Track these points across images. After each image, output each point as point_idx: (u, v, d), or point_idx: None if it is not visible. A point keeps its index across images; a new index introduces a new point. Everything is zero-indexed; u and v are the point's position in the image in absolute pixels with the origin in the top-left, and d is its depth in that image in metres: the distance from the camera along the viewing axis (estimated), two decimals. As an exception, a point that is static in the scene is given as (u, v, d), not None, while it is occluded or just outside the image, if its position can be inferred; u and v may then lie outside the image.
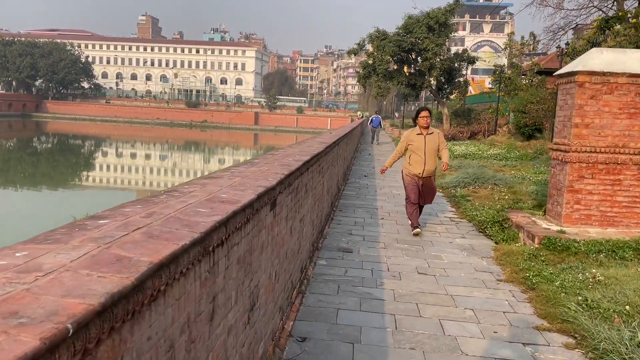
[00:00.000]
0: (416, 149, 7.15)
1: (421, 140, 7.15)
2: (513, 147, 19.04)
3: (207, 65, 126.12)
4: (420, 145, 7.11)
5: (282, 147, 6.02)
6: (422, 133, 7.20)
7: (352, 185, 11.46)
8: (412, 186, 7.29)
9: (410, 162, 7.29)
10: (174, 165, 43.13)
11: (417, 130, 7.29)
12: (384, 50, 34.97)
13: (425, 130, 7.23)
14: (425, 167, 7.19)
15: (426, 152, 7.13)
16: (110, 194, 26.57)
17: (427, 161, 7.16)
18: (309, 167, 4.73)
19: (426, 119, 7.26)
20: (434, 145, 7.20)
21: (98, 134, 70.96)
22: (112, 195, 25.79)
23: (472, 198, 9.79)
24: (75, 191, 26.68)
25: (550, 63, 36.78)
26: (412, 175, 7.28)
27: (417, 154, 7.16)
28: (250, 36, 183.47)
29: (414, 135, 7.26)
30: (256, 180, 2.85)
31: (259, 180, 2.87)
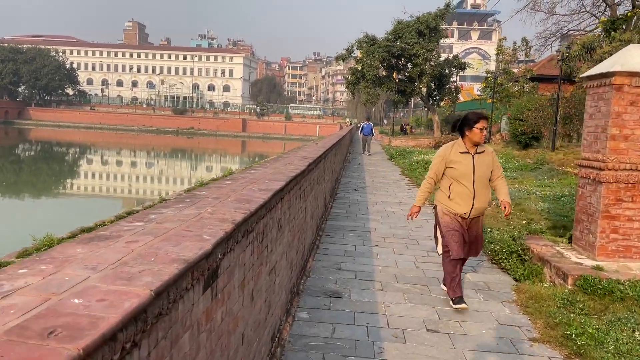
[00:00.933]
0: (461, 176, 4.69)
1: (468, 162, 4.68)
2: (510, 157, 18.01)
3: (194, 72, 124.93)
4: (468, 170, 4.67)
5: (252, 166, 4.82)
6: (470, 151, 4.72)
7: (341, 202, 10.27)
8: (454, 232, 4.79)
9: (451, 195, 4.83)
10: (160, 173, 41.97)
11: (460, 146, 4.78)
12: (373, 55, 33.98)
13: (473, 149, 4.76)
14: (475, 203, 4.74)
15: (476, 180, 4.68)
16: (94, 202, 25.62)
17: (477, 195, 4.71)
18: (284, 196, 3.54)
19: (483, 132, 4.76)
20: (486, 170, 4.76)
21: (82, 142, 69.50)
22: (96, 203, 24.81)
23: (476, 217, 8.66)
24: (58, 200, 25.45)
25: (542, 69, 36.03)
26: (454, 215, 4.82)
27: (463, 183, 4.71)
28: (239, 43, 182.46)
29: (456, 153, 4.75)
30: (177, 244, 1.66)
31: (183, 243, 1.68)
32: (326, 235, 7.16)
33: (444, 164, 4.85)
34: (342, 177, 14.85)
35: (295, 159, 5.38)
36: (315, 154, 6.10)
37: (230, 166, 40.39)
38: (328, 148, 8.36)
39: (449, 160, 4.79)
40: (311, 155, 6.02)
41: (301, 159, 5.46)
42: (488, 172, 4.80)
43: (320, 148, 7.87)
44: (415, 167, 17.69)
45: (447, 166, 4.83)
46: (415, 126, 54.85)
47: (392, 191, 12.53)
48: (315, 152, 6.54)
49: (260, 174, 3.80)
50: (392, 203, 10.51)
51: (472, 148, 4.76)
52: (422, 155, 21.02)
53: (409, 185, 14.06)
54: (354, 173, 16.34)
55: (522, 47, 32.77)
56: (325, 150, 7.75)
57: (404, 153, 23.88)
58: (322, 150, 7.08)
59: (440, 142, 32.05)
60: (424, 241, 7.17)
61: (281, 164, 4.65)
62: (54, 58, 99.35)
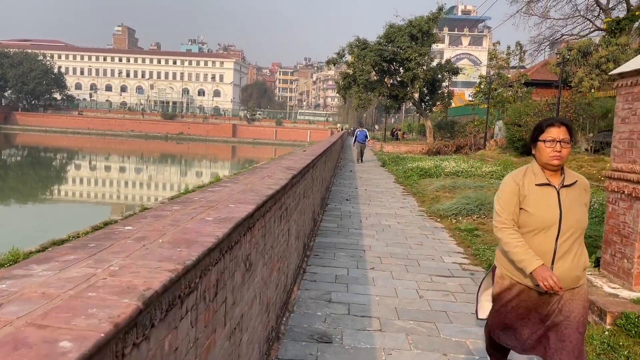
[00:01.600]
0: (538, 223, 2.76)
1: (551, 198, 2.78)
2: (509, 164, 17.26)
3: (184, 77, 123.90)
4: (550, 213, 2.76)
5: (220, 182, 3.93)
6: (552, 183, 2.80)
7: (331, 214, 9.39)
8: (512, 309, 2.91)
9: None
10: (148, 179, 41.02)
11: (537, 173, 2.84)
12: (364, 59, 33.24)
13: (557, 178, 2.84)
14: (559, 269, 2.73)
15: (564, 230, 2.75)
16: (82, 208, 24.60)
17: (563, 255, 2.75)
18: (255, 224, 2.67)
19: (562, 148, 2.80)
20: (580, 213, 2.80)
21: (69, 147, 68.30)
22: (85, 209, 23.92)
23: (481, 232, 7.81)
24: (44, 206, 24.69)
25: (536, 74, 35.51)
26: (521, 284, 2.86)
27: (541, 235, 2.77)
28: (229, 48, 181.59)
29: (530, 185, 2.82)
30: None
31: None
32: (315, 255, 6.28)
33: (517, 197, 2.82)
34: (333, 186, 13.99)
35: (277, 170, 4.50)
36: (302, 164, 5.22)
37: (219, 172, 39.53)
38: (317, 156, 7.49)
39: (520, 194, 2.81)
40: (296, 166, 5.15)
41: (284, 170, 4.59)
42: (583, 217, 2.81)
43: (308, 156, 6.99)
44: (409, 174, 16.88)
45: (520, 207, 2.82)
46: (407, 132, 54.17)
47: (386, 201, 11.69)
48: (302, 162, 5.67)
49: (226, 193, 2.92)
50: (387, 215, 9.66)
51: (555, 177, 2.82)
52: (416, 162, 20.22)
53: (404, 194, 13.23)
54: (346, 181, 15.48)
55: (516, 52, 32.25)
56: (314, 158, 6.89)
57: (397, 159, 23.09)
58: (310, 159, 6.21)
59: (433, 147, 31.33)
60: (426, 262, 6.30)
61: (257, 178, 3.77)
62: (41, 62, 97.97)
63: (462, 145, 30.23)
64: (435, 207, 10.37)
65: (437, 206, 10.34)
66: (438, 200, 11.64)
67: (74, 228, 5.57)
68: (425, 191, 13.23)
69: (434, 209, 10.13)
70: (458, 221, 8.93)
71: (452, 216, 9.32)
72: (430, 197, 12.08)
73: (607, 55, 25.65)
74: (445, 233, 8.17)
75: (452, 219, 9.16)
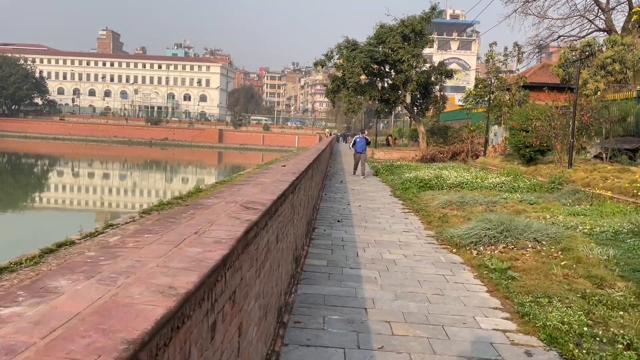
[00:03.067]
0: None
1: None
2: (518, 174, 15.45)
3: (169, 81, 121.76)
4: None
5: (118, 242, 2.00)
6: None
7: (319, 244, 7.44)
8: None
9: None
10: (132, 186, 39.41)
11: None
12: (354, 61, 31.44)
13: None
14: None
15: None
16: (64, 215, 23.57)
17: None
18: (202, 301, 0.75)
19: None
20: None
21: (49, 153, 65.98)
22: (66, 217, 22.70)
23: (517, 274, 5.91)
24: (25, 213, 24.03)
25: (533, 77, 34.00)
26: None
27: None
28: (216, 52, 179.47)
29: None
30: None
31: None
32: (295, 323, 4.31)
33: None
34: (322, 201, 12.05)
35: (226, 217, 2.56)
36: (271, 197, 3.28)
37: (205, 178, 37.60)
38: (301, 173, 5.56)
39: None
40: (265, 198, 3.21)
41: (240, 212, 2.66)
42: None
43: (287, 175, 5.06)
44: (407, 186, 15.00)
45: None
46: (398, 137, 52.45)
47: (385, 222, 9.78)
48: (275, 189, 3.73)
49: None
50: (390, 244, 7.75)
51: None
52: (413, 171, 18.37)
53: (404, 211, 11.32)
54: (336, 195, 13.55)
55: (514, 53, 30.62)
56: (296, 177, 4.97)
57: (391, 168, 21.22)
58: (287, 183, 4.28)
59: (427, 154, 29.55)
60: (455, 329, 4.38)
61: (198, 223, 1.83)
62: (21, 66, 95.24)
63: (458, 152, 28.50)
64: (446, 230, 8.47)
65: (448, 230, 8.45)
66: (446, 219, 9.76)
67: (49, 238, 4.52)
68: (429, 208, 11.35)
69: (446, 234, 8.24)
70: (480, 253, 7.03)
71: (470, 245, 7.42)
72: (437, 216, 10.19)
73: (612, 55, 24.14)
74: (468, 272, 6.25)
75: (471, 249, 7.26)
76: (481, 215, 10.05)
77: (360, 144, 19.99)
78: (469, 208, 10.92)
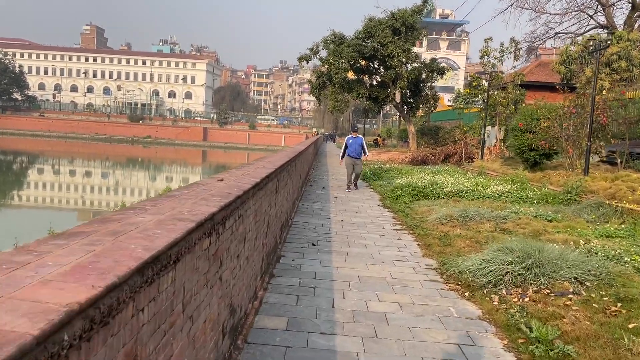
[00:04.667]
0: None
1: None
2: (523, 182, 13.52)
3: (154, 78, 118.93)
4: None
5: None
6: None
7: (281, 287, 5.36)
8: None
9: None
10: (113, 184, 37.72)
11: None
12: (340, 56, 29.42)
13: None
14: None
15: None
16: (43, 214, 22.69)
17: None
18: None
19: None
20: None
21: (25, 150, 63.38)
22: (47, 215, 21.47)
23: (570, 345, 3.93)
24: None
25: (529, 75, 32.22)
26: None
27: None
28: (202, 49, 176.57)
29: None
30: None
31: None
32: None
33: None
34: (297, 214, 10.00)
35: None
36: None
37: (190, 177, 35.71)
38: (236, 198, 3.52)
39: None
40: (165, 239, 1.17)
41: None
42: None
43: (232, 190, 3.04)
44: (398, 194, 13.00)
45: None
46: (387, 137, 50.56)
47: (373, 244, 7.77)
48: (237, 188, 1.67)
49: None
50: (380, 282, 5.72)
51: None
52: (404, 176, 16.41)
53: (396, 228, 9.31)
54: (315, 205, 11.50)
55: (510, 49, 28.77)
56: (231, 200, 2.97)
57: (380, 172, 19.21)
58: (229, 198, 2.24)
59: (417, 156, 27.63)
60: None
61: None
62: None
63: (451, 154, 26.59)
64: (452, 261, 6.48)
65: (455, 260, 6.45)
66: (449, 241, 7.78)
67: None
68: (425, 224, 9.36)
69: (452, 266, 6.24)
70: (504, 300, 5.05)
71: (488, 287, 5.43)
72: (437, 237, 8.20)
73: (618, 52, 22.41)
74: (494, 339, 4.23)
75: (490, 294, 5.27)
76: (490, 235, 8.09)
77: (354, 147, 14.70)
78: (475, 225, 8.95)
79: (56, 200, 29.95)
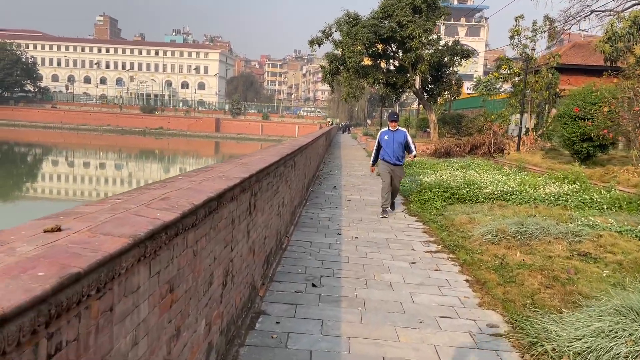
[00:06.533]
0: None
1: None
2: (582, 180, 10.92)
3: (167, 68, 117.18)
4: None
5: None
6: None
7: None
8: None
9: None
10: (129, 177, 36.11)
11: None
12: (355, 38, 26.79)
13: None
14: None
15: None
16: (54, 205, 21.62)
17: None
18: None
19: None
20: None
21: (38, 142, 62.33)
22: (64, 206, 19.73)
23: None
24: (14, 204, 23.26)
25: (564, 58, 29.27)
26: None
27: None
28: (216, 39, 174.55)
29: None
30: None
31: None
32: None
33: None
34: (297, 229, 7.60)
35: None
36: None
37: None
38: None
39: None
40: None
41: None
42: None
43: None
44: (427, 196, 10.48)
45: None
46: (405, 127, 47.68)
47: (401, 281, 5.32)
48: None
49: None
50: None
51: None
52: (431, 173, 13.88)
53: (431, 250, 6.84)
54: (324, 213, 9.07)
55: (544, 27, 25.87)
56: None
57: (401, 166, 16.63)
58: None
59: (441, 147, 25.01)
60: None
61: None
62: (10, 52, 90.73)
63: (478, 145, 23.92)
64: (529, 319, 4.04)
65: (533, 320, 4.01)
66: (511, 275, 5.33)
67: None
68: (469, 241, 6.90)
69: (534, 334, 3.79)
70: None
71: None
72: (491, 265, 5.75)
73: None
74: None
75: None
76: (568, 263, 5.59)
77: (393, 146, 9.25)
78: (540, 246, 6.45)
79: (70, 192, 29.56)
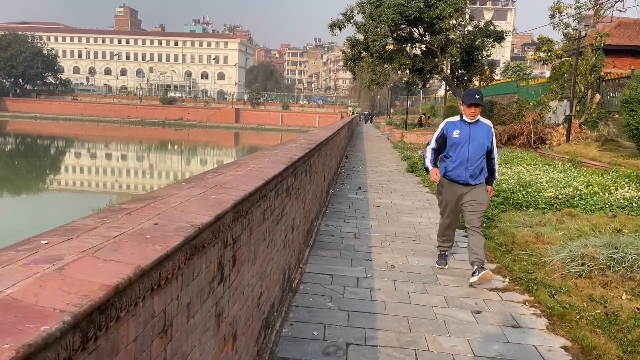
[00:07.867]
0: None
1: None
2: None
3: (186, 59, 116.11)
4: None
5: None
6: None
7: None
8: None
9: None
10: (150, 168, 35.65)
11: None
12: (379, 19, 24.73)
13: None
14: None
15: None
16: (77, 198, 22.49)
17: None
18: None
19: None
20: None
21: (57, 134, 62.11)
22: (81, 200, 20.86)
23: None
24: (38, 195, 23.62)
25: (609, 38, 26.74)
26: None
27: None
28: (235, 28, 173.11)
29: None
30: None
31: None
32: None
33: None
34: (312, 256, 5.79)
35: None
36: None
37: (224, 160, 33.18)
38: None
39: None
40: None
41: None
42: None
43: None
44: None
45: None
46: (431, 115, 45.52)
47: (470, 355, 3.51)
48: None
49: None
50: None
51: None
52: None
53: (498, 286, 4.98)
54: (347, 226, 7.22)
55: (589, 4, 23.45)
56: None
57: (434, 160, 14.68)
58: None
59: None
60: None
61: None
62: (31, 44, 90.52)
63: (516, 135, 21.76)
64: None
65: None
66: (627, 336, 3.49)
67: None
68: (546, 272, 5.01)
69: None
70: None
71: None
72: (593, 320, 3.89)
73: None
74: None
75: None
76: None
77: (471, 150, 5.01)
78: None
79: (93, 183, 29.56)
